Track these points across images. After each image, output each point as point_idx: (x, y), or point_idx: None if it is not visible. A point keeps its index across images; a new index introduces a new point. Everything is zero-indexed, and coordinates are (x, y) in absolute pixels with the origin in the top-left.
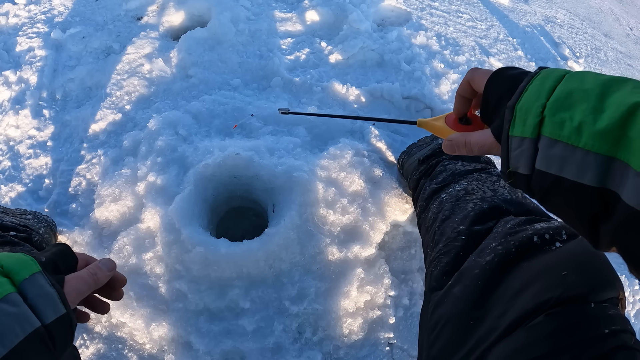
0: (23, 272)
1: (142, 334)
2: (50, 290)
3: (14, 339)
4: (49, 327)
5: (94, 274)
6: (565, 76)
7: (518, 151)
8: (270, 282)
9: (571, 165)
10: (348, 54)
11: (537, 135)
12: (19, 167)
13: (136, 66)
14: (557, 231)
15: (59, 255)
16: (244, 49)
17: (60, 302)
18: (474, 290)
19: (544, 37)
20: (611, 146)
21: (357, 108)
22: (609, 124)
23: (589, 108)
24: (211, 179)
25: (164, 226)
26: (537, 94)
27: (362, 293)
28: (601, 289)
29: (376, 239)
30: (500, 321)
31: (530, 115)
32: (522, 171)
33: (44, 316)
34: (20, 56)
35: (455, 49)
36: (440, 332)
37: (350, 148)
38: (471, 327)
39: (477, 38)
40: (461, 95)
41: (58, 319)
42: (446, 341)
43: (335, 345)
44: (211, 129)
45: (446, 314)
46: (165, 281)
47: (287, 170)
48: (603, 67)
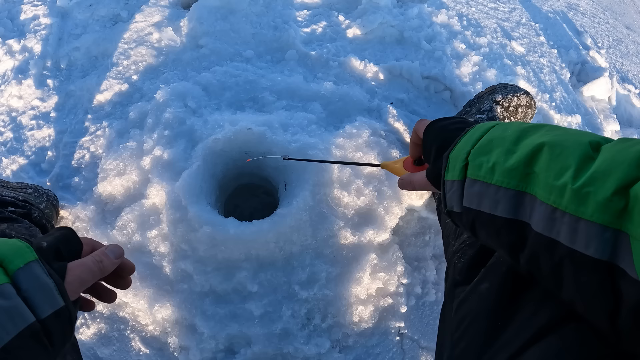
0: (17, 261)
1: (145, 315)
2: (47, 280)
3: (5, 336)
4: (44, 322)
5: (99, 261)
6: (494, 127)
7: (450, 192)
8: (279, 265)
9: (487, 199)
10: (367, 29)
11: (464, 178)
12: (21, 139)
13: (144, 35)
14: None
15: (62, 239)
16: (257, 19)
17: (58, 293)
18: (503, 288)
19: (566, 25)
20: (519, 181)
21: (375, 85)
22: (516, 162)
23: (503, 151)
24: (221, 154)
25: (170, 203)
26: (465, 144)
27: (375, 280)
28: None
29: (391, 223)
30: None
31: (458, 162)
32: (455, 209)
33: (40, 310)
34: (25, 24)
35: (477, 30)
36: (465, 332)
37: (367, 127)
38: (499, 328)
39: (499, 20)
40: (412, 142)
41: (55, 313)
42: (471, 341)
43: (345, 332)
44: (222, 102)
45: (472, 312)
46: (170, 261)
47: (302, 147)
48: (624, 59)
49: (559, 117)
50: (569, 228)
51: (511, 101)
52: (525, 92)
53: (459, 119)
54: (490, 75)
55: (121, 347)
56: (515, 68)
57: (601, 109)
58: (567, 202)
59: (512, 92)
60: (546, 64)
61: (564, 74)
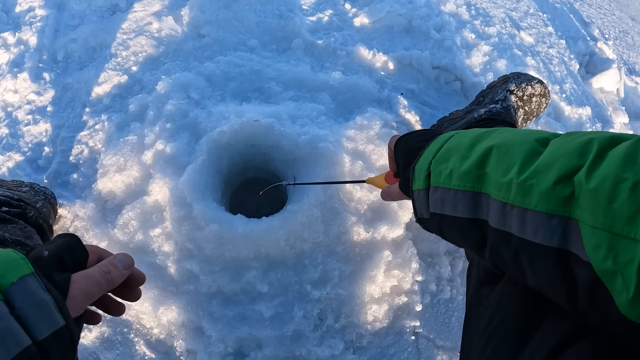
0: (10, 275)
1: (149, 318)
2: (45, 296)
3: None
4: (42, 344)
5: (107, 272)
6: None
7: (418, 201)
8: (290, 264)
9: (448, 203)
10: (374, 17)
11: (428, 186)
12: (17, 135)
13: (144, 24)
14: None
15: (65, 248)
16: (262, 7)
17: (57, 311)
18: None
19: (573, 15)
20: (474, 183)
21: (385, 75)
22: (469, 165)
23: (459, 157)
24: (226, 147)
25: (174, 200)
26: (427, 155)
27: (389, 277)
28: None
29: (404, 218)
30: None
31: (422, 172)
32: (425, 216)
33: (36, 331)
34: (20, 17)
35: (486, 19)
36: (493, 334)
37: (378, 118)
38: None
39: (507, 10)
40: (390, 156)
41: (54, 334)
42: (500, 345)
43: (359, 333)
44: (226, 93)
45: (500, 313)
46: (174, 260)
47: (312, 140)
48: (630, 51)
49: (569, 109)
50: (518, 219)
51: (525, 90)
52: (539, 81)
53: (424, 131)
54: (501, 65)
55: (125, 352)
56: (525, 59)
57: (610, 101)
58: (514, 195)
59: (525, 81)
60: (555, 54)
61: (573, 65)
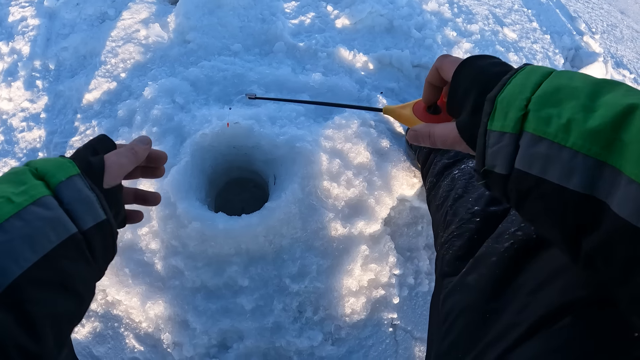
0: (59, 175)
1: (138, 312)
2: (89, 194)
3: (47, 245)
4: (86, 233)
5: (131, 148)
6: (553, 73)
7: (496, 147)
8: (270, 259)
9: (556, 166)
10: (355, 18)
11: (519, 131)
12: (12, 141)
13: (132, 32)
14: None
15: (97, 140)
16: (245, 12)
17: (99, 207)
18: (491, 280)
19: (559, 10)
20: (602, 149)
21: (365, 75)
22: (601, 123)
23: (579, 105)
24: (209, 149)
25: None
26: (521, 87)
27: (366, 271)
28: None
29: (382, 214)
30: (521, 317)
31: (513, 109)
32: (499, 170)
33: (82, 222)
34: (13, 26)
35: (469, 17)
36: (453, 325)
37: (356, 118)
38: (487, 320)
39: (490, 7)
40: (430, 82)
41: (97, 225)
42: (460, 335)
43: (337, 325)
44: (210, 97)
45: (460, 304)
46: (161, 257)
47: (289, 140)
48: (619, 44)
49: None
50: None
51: None
52: None
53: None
54: None
55: (116, 345)
56: (507, 54)
57: None
58: None
59: None
60: (539, 50)
61: (558, 60)
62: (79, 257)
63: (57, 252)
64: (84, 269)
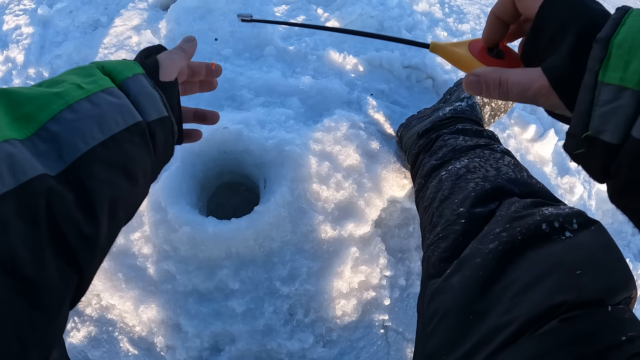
0: (126, 72)
1: (131, 316)
2: (154, 92)
3: (115, 127)
4: (150, 124)
5: (179, 47)
6: None
7: (609, 107)
8: (260, 262)
9: None
10: (346, 21)
11: None
12: None
13: (124, 39)
14: (567, 219)
15: (152, 47)
16: (236, 17)
17: (162, 105)
18: (475, 281)
19: None
20: None
21: (355, 77)
22: None
23: None
24: (199, 154)
25: (151, 205)
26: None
27: (357, 273)
28: (618, 289)
29: (372, 216)
30: (506, 319)
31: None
32: (607, 138)
33: (146, 114)
34: (7, 35)
35: (460, 16)
36: (437, 326)
37: (345, 120)
38: (471, 322)
39: (482, 6)
40: (497, 16)
41: (160, 120)
42: (444, 337)
43: (328, 327)
44: (200, 102)
45: (444, 306)
46: (153, 262)
47: (278, 144)
48: None
49: None
50: None
51: None
52: None
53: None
54: None
55: (110, 349)
56: None
57: None
58: None
59: None
60: None
61: None
62: (142, 144)
63: (124, 135)
64: (145, 156)
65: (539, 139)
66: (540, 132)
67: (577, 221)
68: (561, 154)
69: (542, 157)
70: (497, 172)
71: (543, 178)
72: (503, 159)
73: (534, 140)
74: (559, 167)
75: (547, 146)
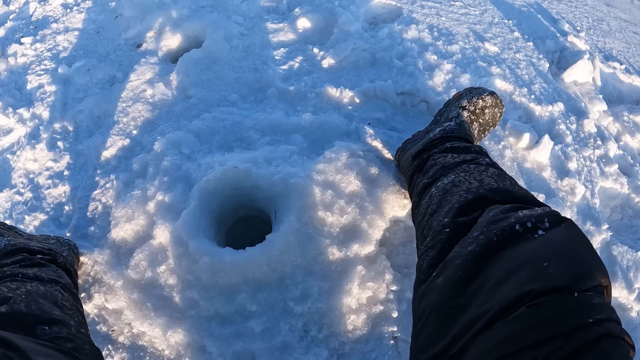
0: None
1: (160, 341)
2: None
3: None
4: None
5: None
6: None
7: None
8: (274, 285)
9: None
10: (340, 57)
11: None
12: (39, 197)
13: (139, 92)
14: (539, 219)
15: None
16: (239, 64)
17: None
18: (456, 280)
19: (541, 15)
20: None
21: (352, 109)
22: None
23: None
24: (214, 192)
25: (174, 240)
26: None
27: (364, 289)
28: (584, 277)
29: (375, 236)
30: (481, 310)
31: None
32: None
33: None
34: (32, 93)
35: (449, 38)
36: (425, 323)
37: (345, 150)
38: (453, 315)
39: (470, 25)
40: None
41: None
42: (430, 331)
43: (341, 341)
44: (212, 145)
45: (430, 304)
46: (178, 291)
47: (284, 177)
48: (606, 37)
49: (539, 109)
50: None
51: (477, 104)
52: (490, 93)
53: None
54: (464, 80)
55: None
56: (489, 68)
57: (585, 92)
58: None
59: (476, 95)
60: (522, 58)
61: (542, 65)
62: None
63: None
64: None
65: (535, 146)
66: (535, 139)
67: (549, 220)
68: (559, 158)
69: (539, 163)
70: (480, 184)
71: (543, 183)
72: (487, 171)
73: (530, 147)
74: (557, 170)
75: (543, 152)
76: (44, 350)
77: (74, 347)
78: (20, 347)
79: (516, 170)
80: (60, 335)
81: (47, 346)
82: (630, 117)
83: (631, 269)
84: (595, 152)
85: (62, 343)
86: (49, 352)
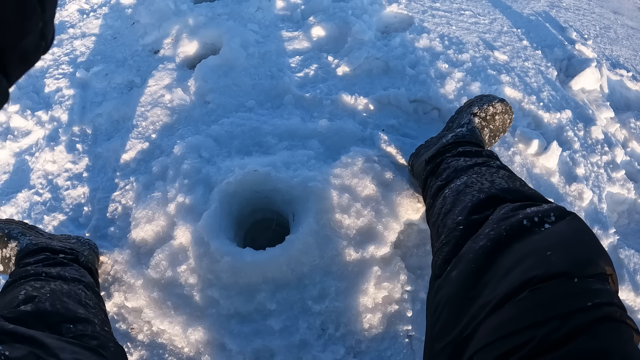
0: None
1: (180, 339)
2: None
3: None
4: None
5: None
6: None
7: None
8: (293, 285)
9: None
10: (354, 65)
11: None
12: (59, 198)
13: (158, 97)
14: (546, 213)
15: None
16: (255, 71)
17: None
18: (469, 273)
19: (549, 24)
20: None
21: (367, 116)
22: None
23: None
24: (234, 195)
25: (195, 240)
26: None
27: (380, 289)
28: (585, 265)
29: (390, 238)
30: (490, 297)
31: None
32: None
33: None
34: (50, 96)
35: (459, 47)
36: (440, 314)
37: (360, 155)
38: (466, 306)
39: (480, 33)
40: None
41: None
42: (445, 321)
43: (357, 339)
44: (231, 150)
45: (445, 296)
46: (198, 290)
47: (303, 181)
48: (613, 45)
49: (548, 116)
50: None
51: (487, 111)
52: (500, 100)
53: None
54: (475, 88)
55: None
56: (499, 77)
57: (593, 100)
58: None
59: (487, 102)
60: (531, 66)
61: (550, 73)
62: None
63: None
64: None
65: (544, 152)
66: (544, 145)
67: (555, 214)
68: (567, 164)
69: (548, 168)
70: (492, 184)
71: (551, 188)
72: (498, 173)
73: (539, 153)
74: (565, 176)
75: (551, 158)
76: (70, 348)
77: (99, 345)
78: (47, 344)
79: (525, 175)
80: (85, 333)
81: (73, 344)
82: (637, 124)
83: (638, 272)
84: (603, 158)
85: (87, 340)
86: (75, 350)
